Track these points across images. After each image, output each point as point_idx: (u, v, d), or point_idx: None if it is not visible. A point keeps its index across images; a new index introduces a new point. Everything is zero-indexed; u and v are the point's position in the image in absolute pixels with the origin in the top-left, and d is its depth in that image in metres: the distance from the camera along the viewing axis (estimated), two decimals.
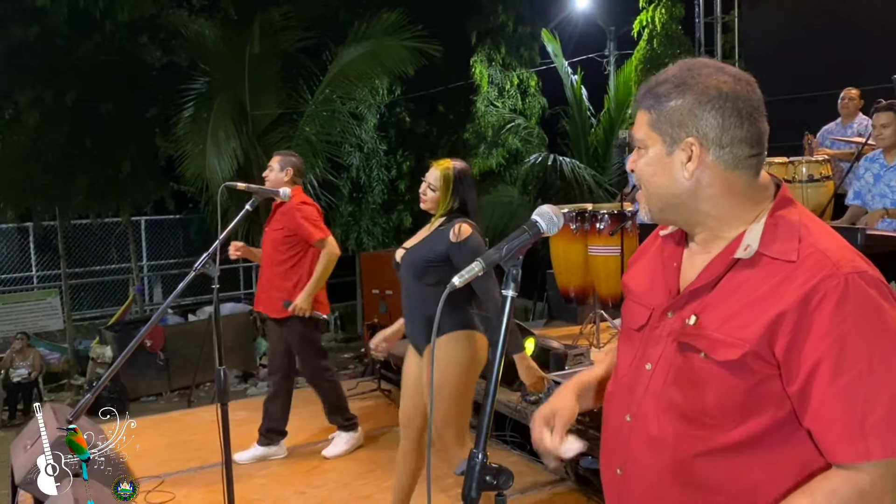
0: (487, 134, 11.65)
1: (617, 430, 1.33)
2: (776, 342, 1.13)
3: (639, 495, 1.28)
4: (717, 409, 1.18)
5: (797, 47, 7.56)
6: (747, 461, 1.17)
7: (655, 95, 1.24)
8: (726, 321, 1.18)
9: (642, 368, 1.29)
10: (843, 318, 1.09)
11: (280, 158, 4.30)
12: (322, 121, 10.43)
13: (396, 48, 10.11)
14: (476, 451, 1.22)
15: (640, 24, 9.30)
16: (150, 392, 9.42)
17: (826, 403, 1.10)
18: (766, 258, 1.18)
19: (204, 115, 9.56)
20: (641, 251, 1.49)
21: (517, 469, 4.23)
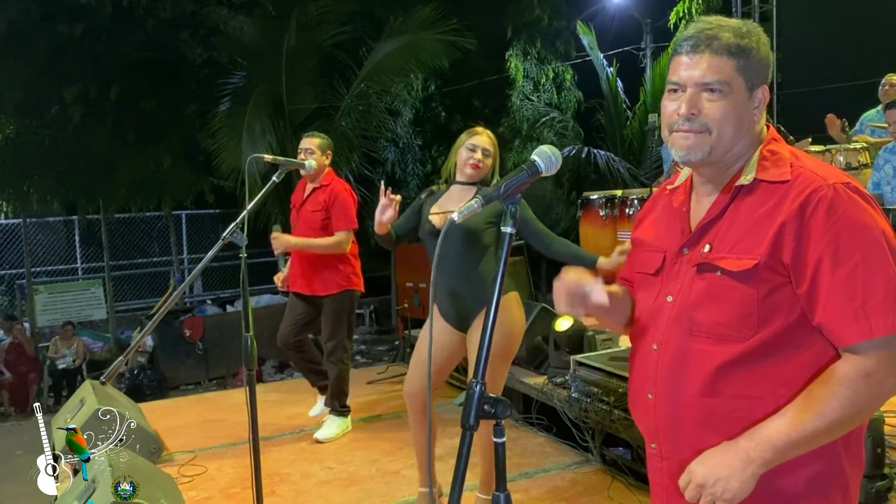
0: (522, 128, 11.66)
1: (644, 359, 1.45)
2: (783, 250, 1.27)
3: (672, 411, 1.39)
4: (735, 320, 1.30)
5: (834, 37, 7.43)
6: (764, 366, 1.30)
7: (739, 47, 1.33)
8: (737, 242, 1.32)
9: (664, 302, 1.41)
10: (836, 220, 1.25)
11: (319, 141, 4.32)
12: (358, 115, 10.54)
13: (431, 42, 10.17)
14: (475, 380, 1.26)
15: (676, 15, 9.23)
16: (188, 381, 9.65)
17: (831, 295, 1.24)
18: (765, 183, 1.34)
19: (240, 109, 9.74)
20: (647, 209, 1.61)
21: (544, 450, 4.26)
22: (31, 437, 6.13)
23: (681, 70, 1.35)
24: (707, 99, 1.33)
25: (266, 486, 3.69)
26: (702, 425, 1.35)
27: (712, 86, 1.33)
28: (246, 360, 2.68)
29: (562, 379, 4.35)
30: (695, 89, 1.34)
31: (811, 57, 8.06)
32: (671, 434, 1.40)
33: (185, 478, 3.95)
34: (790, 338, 1.29)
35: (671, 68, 1.38)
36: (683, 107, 1.33)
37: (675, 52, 1.40)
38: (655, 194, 1.62)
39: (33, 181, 10.05)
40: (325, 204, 4.23)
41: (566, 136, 11.24)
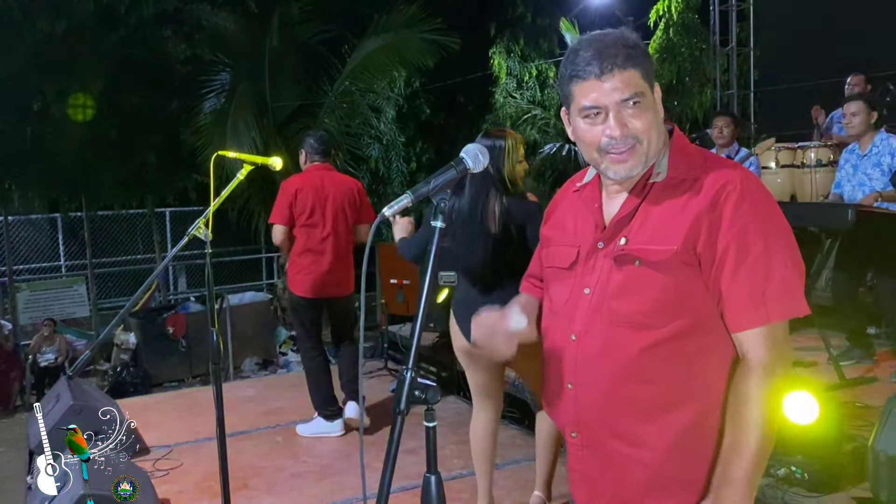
0: (506, 125, 11.70)
1: (561, 350, 1.48)
2: (697, 240, 1.34)
3: (594, 400, 1.43)
4: (653, 308, 1.37)
5: (810, 36, 7.52)
6: (683, 352, 1.37)
7: (638, 55, 1.37)
8: (653, 235, 1.38)
9: (581, 295, 1.46)
10: (743, 211, 1.33)
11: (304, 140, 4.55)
12: (342, 112, 10.56)
13: (415, 41, 10.20)
14: (406, 367, 1.31)
15: (656, 13, 9.29)
16: (172, 378, 9.65)
17: (735, 281, 1.33)
18: (676, 179, 1.40)
19: (224, 106, 9.74)
20: (553, 206, 1.66)
21: (514, 442, 4.32)
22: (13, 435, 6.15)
23: (593, 93, 1.35)
24: (630, 114, 1.36)
25: (239, 480, 3.75)
26: (625, 410, 1.40)
27: (632, 99, 1.35)
28: (212, 355, 2.72)
29: None
30: (616, 108, 1.35)
31: (788, 55, 8.14)
32: (594, 421, 1.44)
33: (160, 472, 3.99)
34: (705, 322, 1.37)
35: (577, 93, 1.37)
36: (616, 129, 1.35)
37: (572, 76, 1.38)
38: (561, 191, 1.67)
39: (15, 178, 10.03)
40: None
41: (549, 132, 11.31)
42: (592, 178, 1.52)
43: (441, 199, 1.34)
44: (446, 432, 4.36)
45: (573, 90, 1.38)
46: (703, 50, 8.91)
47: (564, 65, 1.40)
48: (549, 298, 1.56)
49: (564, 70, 1.40)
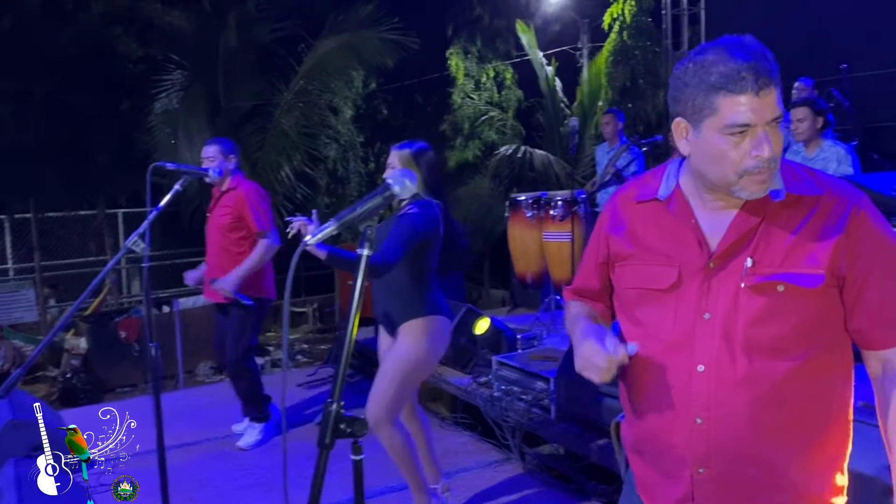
0: (464, 126, 11.70)
1: (686, 382, 1.38)
2: (840, 263, 1.32)
3: (732, 432, 1.36)
4: (796, 333, 1.33)
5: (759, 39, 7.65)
6: (818, 372, 1.36)
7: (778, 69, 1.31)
8: (786, 256, 1.33)
9: (699, 320, 1.37)
10: (877, 232, 1.34)
11: (219, 147, 4.19)
12: (298, 113, 10.45)
13: (373, 40, 10.13)
14: (331, 399, 1.29)
15: (610, 16, 9.37)
16: (125, 383, 9.44)
17: (882, 301, 1.33)
18: (794, 196, 1.35)
19: (176, 106, 9.57)
20: (618, 219, 1.53)
21: (466, 449, 4.33)
22: None
23: (747, 110, 1.26)
24: (773, 133, 1.29)
25: (184, 493, 3.69)
26: (768, 438, 1.36)
27: (777, 118, 1.29)
28: (150, 370, 2.66)
29: (485, 378, 4.42)
30: (764, 127, 1.28)
31: None
32: (730, 454, 1.37)
33: (102, 487, 3.89)
34: (837, 344, 1.38)
35: (725, 106, 1.27)
36: (767, 151, 1.28)
37: (719, 87, 1.27)
38: (617, 203, 1.55)
39: None
40: (234, 207, 4.17)
41: (506, 134, 11.34)
42: (676, 190, 1.44)
43: (368, 226, 1.32)
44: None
45: (718, 103, 1.27)
46: (656, 53, 9.01)
47: (696, 73, 1.30)
48: (638, 322, 1.46)
49: (700, 78, 1.29)
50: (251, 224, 4.15)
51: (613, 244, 1.51)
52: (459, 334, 4.80)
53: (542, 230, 5.42)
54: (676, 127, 1.36)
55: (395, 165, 3.07)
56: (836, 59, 6.36)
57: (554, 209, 5.30)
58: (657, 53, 9.00)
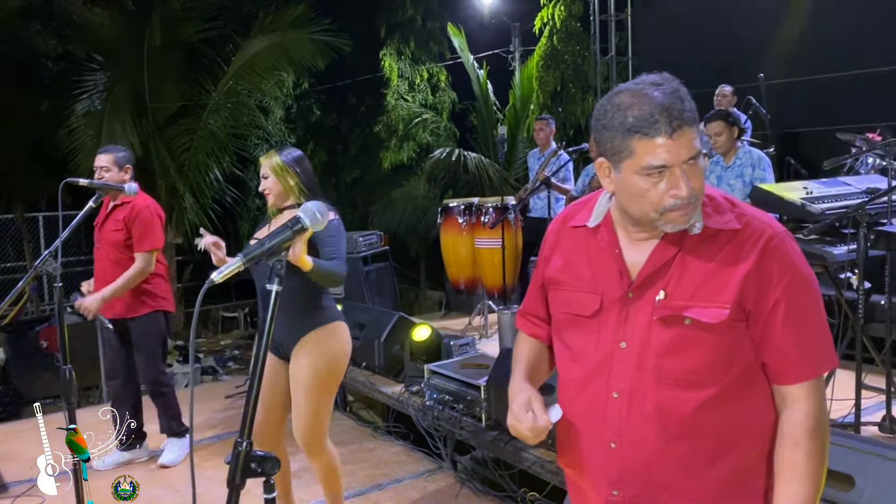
0: (398, 127, 11.67)
1: (602, 407, 1.42)
2: (747, 297, 1.33)
3: (644, 457, 1.39)
4: (706, 366, 1.35)
5: (684, 46, 7.87)
6: (734, 403, 1.37)
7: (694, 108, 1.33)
8: (697, 290, 1.35)
9: (616, 348, 1.40)
10: (787, 268, 1.35)
11: (113, 156, 4.03)
12: (227, 113, 10.25)
13: (304, 41, 10.01)
14: (241, 439, 1.26)
15: (541, 20, 9.47)
16: (46, 395, 9.05)
17: (785, 337, 1.35)
18: (712, 230, 1.37)
19: (99, 107, 9.26)
20: (553, 244, 1.58)
21: (399, 459, 4.32)
22: None
23: (662, 152, 1.29)
24: (691, 171, 1.31)
25: None
26: (675, 465, 1.39)
27: (694, 157, 1.31)
28: (64, 394, 2.56)
29: (417, 387, 4.42)
30: (681, 167, 1.30)
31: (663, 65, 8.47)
32: (640, 478, 1.41)
33: None
34: (750, 375, 1.39)
35: (640, 149, 1.30)
36: (684, 190, 1.30)
37: (634, 130, 1.30)
38: (556, 226, 1.59)
39: None
40: (126, 222, 4.01)
41: (440, 136, 11.36)
42: (605, 219, 1.47)
43: (277, 261, 1.29)
44: None
45: (634, 146, 1.30)
46: (585, 58, 9.15)
47: (614, 115, 1.32)
48: (567, 345, 1.51)
49: (617, 121, 1.32)
50: (136, 242, 3.98)
51: (549, 268, 1.56)
52: (391, 343, 4.79)
53: (474, 237, 5.45)
54: (599, 167, 1.40)
55: (267, 175, 2.91)
56: (755, 67, 6.59)
57: (485, 216, 5.34)
58: (586, 58, 9.14)
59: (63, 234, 2.60)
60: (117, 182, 3.86)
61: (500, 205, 5.32)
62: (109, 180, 3.88)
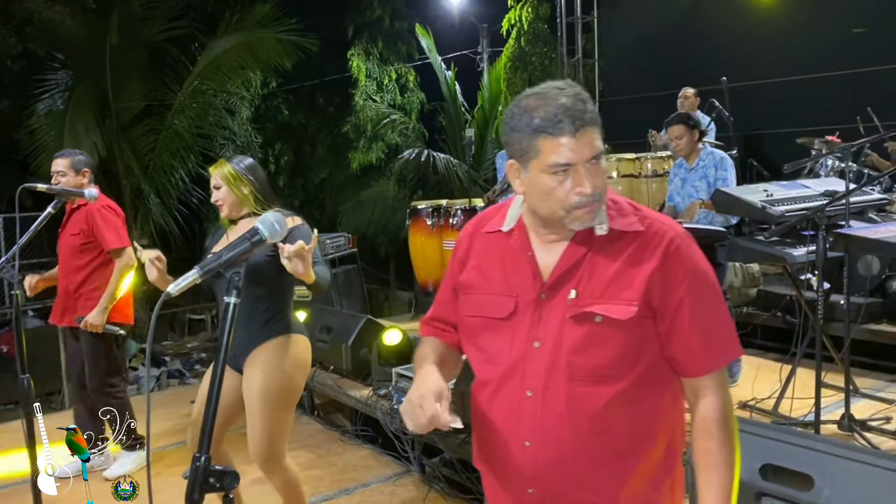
0: (367, 128, 11.64)
1: (517, 406, 1.44)
2: (653, 295, 1.39)
3: (558, 455, 1.42)
4: (615, 361, 1.40)
5: (649, 49, 7.96)
6: (642, 398, 1.43)
7: (596, 111, 1.37)
8: (606, 288, 1.40)
9: (529, 348, 1.43)
10: (690, 266, 1.42)
11: (70, 160, 3.89)
12: (192, 113, 10.15)
13: (271, 41, 9.96)
14: (199, 454, 1.25)
15: (508, 22, 9.51)
16: (7, 400, 8.90)
17: (691, 332, 1.41)
18: (617, 231, 1.43)
19: (61, 107, 9.10)
20: (467, 249, 1.60)
21: (367, 463, 4.30)
22: None
23: (567, 151, 1.34)
24: (594, 171, 1.37)
25: None
26: (591, 463, 1.42)
27: (598, 157, 1.37)
28: (23, 403, 2.50)
29: (385, 390, 4.40)
30: (584, 165, 1.36)
31: (629, 67, 8.59)
32: (554, 476, 1.44)
33: None
34: (657, 369, 1.44)
35: (546, 148, 1.35)
36: (588, 187, 1.35)
37: (539, 131, 1.35)
38: (469, 232, 1.61)
39: None
40: (84, 226, 3.89)
41: (409, 137, 11.35)
42: (518, 223, 1.50)
43: (235, 272, 1.28)
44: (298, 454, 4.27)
45: (540, 145, 1.35)
46: (552, 59, 9.21)
47: (521, 118, 1.37)
48: (480, 349, 1.52)
49: (523, 123, 1.37)
50: (103, 242, 3.85)
51: (463, 273, 1.58)
52: (359, 346, 4.76)
53: (443, 239, 5.46)
54: (510, 168, 1.44)
55: (219, 185, 2.78)
56: (718, 70, 6.69)
57: (453, 218, 5.34)
58: (553, 60, 9.20)
59: (20, 240, 2.54)
60: (75, 186, 3.78)
61: (468, 207, 5.33)
62: (67, 185, 3.78)
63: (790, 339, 4.01)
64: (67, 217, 3.99)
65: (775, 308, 4.96)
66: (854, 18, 6.59)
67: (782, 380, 3.87)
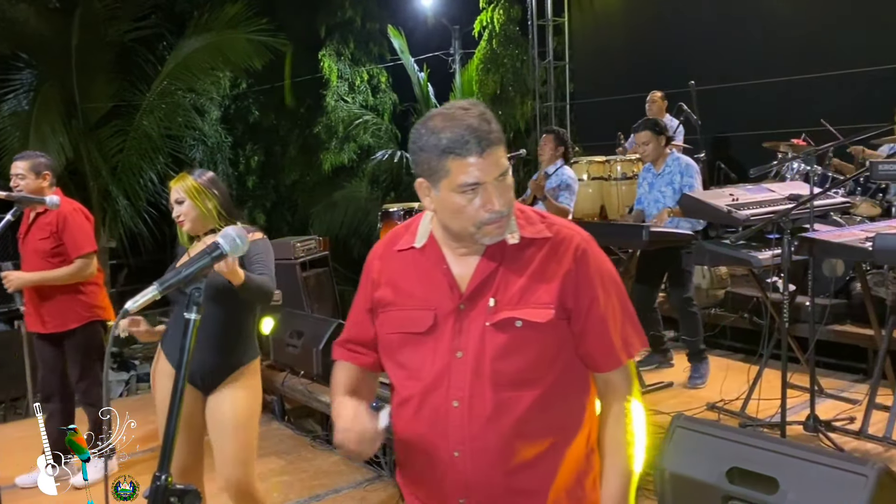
0: (338, 129, 11.59)
1: (443, 418, 1.46)
2: (567, 296, 1.46)
3: (487, 462, 1.45)
4: (537, 364, 1.45)
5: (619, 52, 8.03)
6: (562, 397, 1.49)
7: (500, 130, 1.42)
8: (523, 294, 1.45)
9: (453, 359, 1.45)
10: (596, 267, 1.50)
11: (30, 163, 3.81)
12: (161, 114, 10.01)
13: (241, 41, 9.85)
14: (159, 473, 1.23)
15: (480, 24, 9.53)
16: None
17: (601, 329, 1.49)
18: (527, 239, 1.49)
19: (26, 107, 8.93)
20: (377, 269, 1.60)
21: (338, 469, 4.27)
22: None
23: (475, 170, 1.38)
24: (501, 187, 1.41)
25: None
26: (519, 468, 1.46)
27: (504, 175, 1.41)
28: None
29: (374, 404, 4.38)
30: (493, 183, 1.39)
31: (600, 70, 8.66)
32: (485, 483, 1.46)
33: None
34: (573, 368, 1.51)
35: (455, 169, 1.38)
36: (497, 204, 1.40)
37: (448, 152, 1.38)
38: (378, 252, 1.62)
39: None
40: (54, 229, 3.82)
41: (381, 138, 11.32)
42: (430, 239, 1.53)
43: (195, 288, 1.26)
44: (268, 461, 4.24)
45: (449, 166, 1.38)
46: (523, 61, 9.24)
47: (428, 138, 1.39)
48: (402, 365, 1.53)
49: (431, 143, 1.39)
50: (74, 247, 3.81)
51: (377, 292, 1.58)
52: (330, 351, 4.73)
53: None
54: (419, 186, 1.47)
55: (182, 199, 2.66)
56: (687, 73, 6.76)
57: None
58: (525, 62, 9.23)
59: None
60: (35, 189, 3.72)
61: None
62: (26, 188, 3.71)
63: (758, 341, 4.07)
64: (32, 222, 3.91)
65: (743, 310, 5.02)
66: (821, 23, 6.71)
67: (750, 381, 3.92)
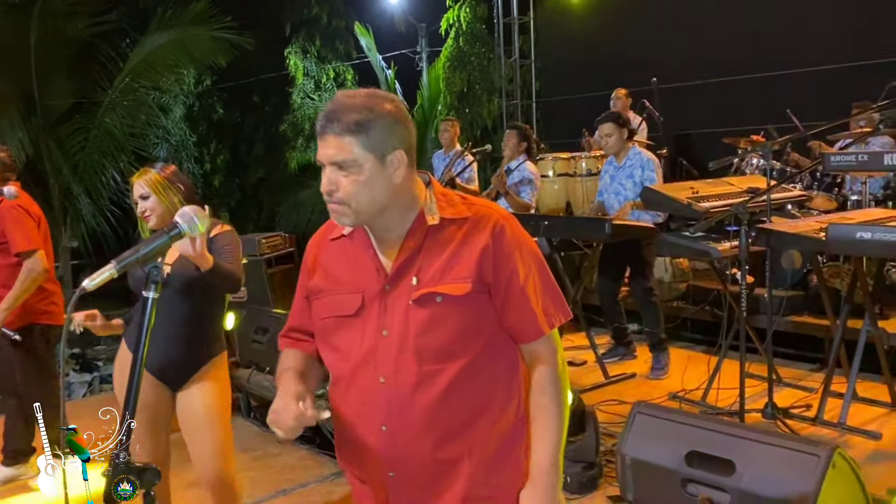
0: (305, 126, 11.52)
1: (371, 394, 1.52)
2: (485, 271, 1.51)
3: (413, 436, 1.50)
4: (459, 337, 1.50)
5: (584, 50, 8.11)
6: (481, 370, 1.52)
7: (360, 124, 1.43)
8: (443, 272, 1.50)
9: (379, 337, 1.51)
10: (515, 242, 1.54)
11: None
12: (124, 111, 9.87)
13: (205, 38, 9.75)
14: (117, 451, 1.23)
15: (447, 22, 9.55)
16: None
17: (522, 301, 1.53)
18: (447, 220, 1.54)
19: None
20: (316, 258, 1.67)
21: (304, 464, 4.27)
22: None
23: (320, 148, 1.45)
24: (342, 175, 1.45)
25: None
26: (445, 439, 1.51)
27: (341, 164, 1.44)
28: None
29: (322, 390, 4.37)
30: (330, 167, 1.45)
31: (565, 68, 8.73)
32: (414, 456, 1.51)
33: None
34: (497, 341, 1.55)
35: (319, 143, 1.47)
36: (324, 185, 1.46)
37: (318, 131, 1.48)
38: (315, 242, 1.69)
39: None
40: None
41: None
42: (356, 228, 1.59)
43: (154, 267, 1.26)
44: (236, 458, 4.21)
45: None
46: (490, 60, 9.28)
47: None
48: (335, 348, 1.58)
49: None
50: (11, 244, 3.68)
51: (311, 280, 1.65)
52: None
53: None
54: None
55: (147, 194, 2.63)
56: (649, 71, 6.86)
57: None
58: (491, 60, 9.28)
59: None
60: None
61: None
62: None
63: (718, 332, 4.16)
64: None
65: (704, 302, 5.12)
66: (779, 22, 6.85)
67: (710, 371, 4.01)
